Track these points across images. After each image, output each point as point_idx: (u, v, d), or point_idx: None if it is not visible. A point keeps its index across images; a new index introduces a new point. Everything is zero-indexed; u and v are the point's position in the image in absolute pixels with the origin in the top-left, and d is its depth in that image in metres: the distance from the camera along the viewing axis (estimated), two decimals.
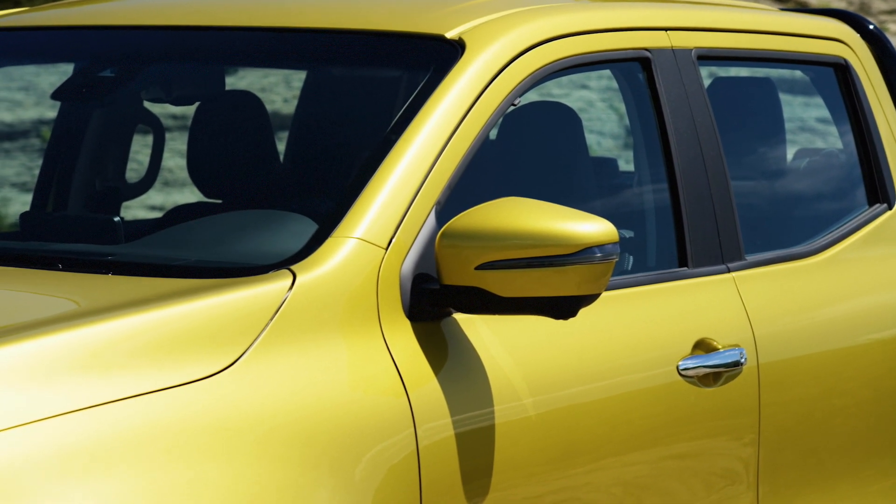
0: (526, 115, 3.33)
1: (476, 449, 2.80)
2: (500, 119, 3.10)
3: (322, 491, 2.55)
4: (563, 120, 3.40)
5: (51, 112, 9.64)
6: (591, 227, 2.78)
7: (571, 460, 2.95)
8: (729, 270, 3.34)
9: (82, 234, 3.27)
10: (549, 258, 2.76)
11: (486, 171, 3.12)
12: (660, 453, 3.11)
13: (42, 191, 4.00)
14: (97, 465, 2.32)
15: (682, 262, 3.28)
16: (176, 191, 8.72)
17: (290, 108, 8.82)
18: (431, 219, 2.86)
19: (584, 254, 2.76)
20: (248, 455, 2.49)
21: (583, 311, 2.89)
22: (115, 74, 3.65)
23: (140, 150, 4.18)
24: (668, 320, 3.18)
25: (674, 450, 3.14)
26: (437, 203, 2.88)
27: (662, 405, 3.11)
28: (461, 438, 2.78)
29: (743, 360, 3.25)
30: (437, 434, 2.74)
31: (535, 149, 3.36)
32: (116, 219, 3.27)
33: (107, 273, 2.86)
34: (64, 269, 2.90)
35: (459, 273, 2.79)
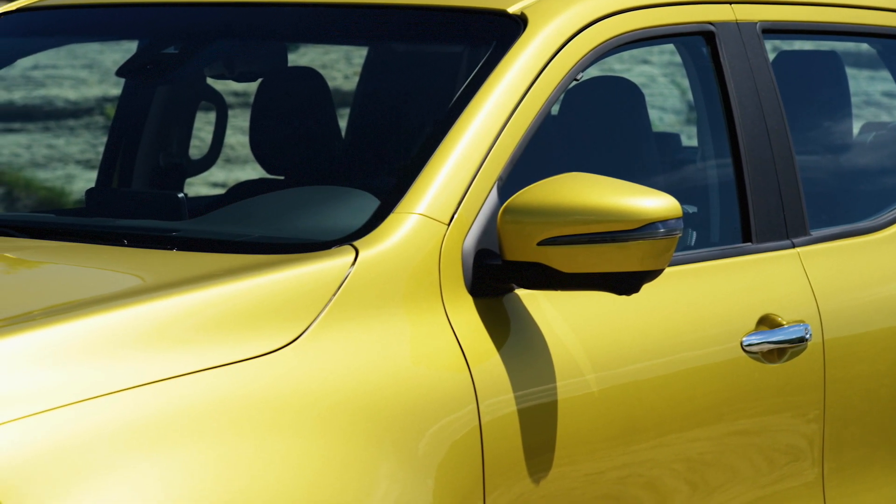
0: (589, 90, 3.31)
1: (538, 425, 2.80)
2: (563, 94, 3.09)
3: (385, 465, 2.56)
4: (626, 95, 3.39)
5: (114, 89, 9.70)
6: (655, 203, 2.76)
7: (634, 436, 2.94)
8: (794, 245, 3.32)
9: (147, 210, 3.29)
10: (612, 234, 2.75)
11: (548, 147, 3.11)
12: (723, 429, 3.09)
13: (107, 167, 4.02)
14: (164, 440, 2.34)
15: (746, 238, 3.26)
16: (238, 168, 8.75)
17: (350, 85, 8.83)
18: (493, 194, 2.86)
19: (647, 229, 2.75)
20: (312, 430, 2.50)
21: (646, 287, 2.88)
22: (179, 51, 3.67)
23: (202, 127, 4.20)
24: (731, 296, 3.16)
25: (737, 426, 3.12)
26: (499, 179, 2.88)
27: (726, 381, 3.10)
28: (523, 414, 2.78)
29: (808, 336, 3.23)
30: (499, 410, 2.74)
31: (597, 124, 3.34)
32: (181, 195, 3.29)
33: (171, 249, 2.88)
34: (129, 245, 2.92)
35: (521, 249, 2.79)
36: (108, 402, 2.34)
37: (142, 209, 3.33)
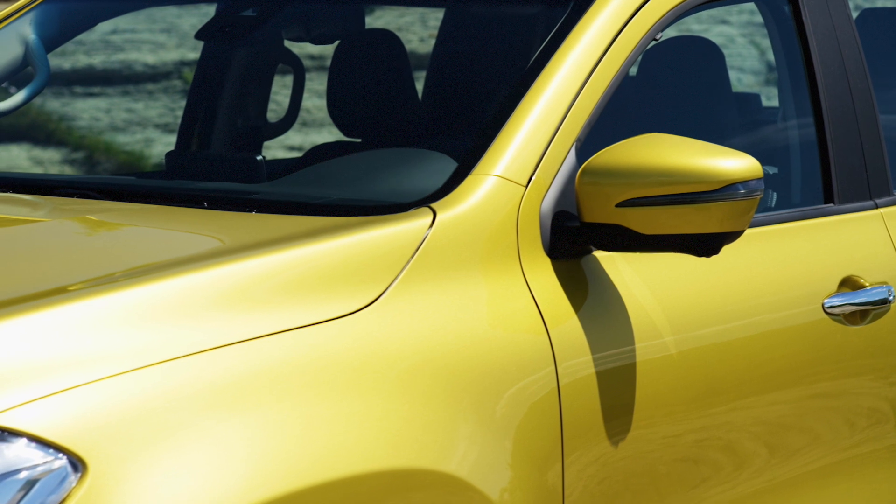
0: (668, 50, 3.29)
1: (617, 387, 2.80)
2: (641, 55, 3.06)
3: (464, 427, 2.56)
4: (706, 55, 3.36)
5: (192, 53, 9.75)
6: (735, 163, 2.74)
7: (712, 399, 2.93)
8: (877, 206, 3.28)
9: (226, 173, 3.31)
10: (692, 195, 2.73)
11: (626, 108, 3.09)
12: (803, 392, 3.07)
13: (186, 130, 4.05)
14: (246, 400, 2.36)
15: (828, 198, 3.23)
16: (314, 131, 8.77)
17: (425, 48, 8.82)
18: (571, 156, 2.85)
19: (727, 190, 2.73)
20: (392, 391, 2.51)
21: (725, 249, 2.86)
22: (257, 14, 3.68)
23: (277, 90, 4.21)
24: (813, 257, 3.14)
25: (817, 389, 3.10)
26: (578, 140, 2.87)
27: (807, 344, 3.08)
28: (602, 376, 2.77)
29: (891, 298, 3.19)
30: (577, 372, 2.74)
31: (676, 85, 3.32)
32: (259, 157, 3.31)
33: (250, 211, 2.89)
34: (209, 207, 2.94)
35: (600, 210, 2.78)
36: (190, 362, 2.35)
37: (221, 172, 3.35)
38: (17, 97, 3.66)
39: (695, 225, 2.75)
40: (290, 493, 2.33)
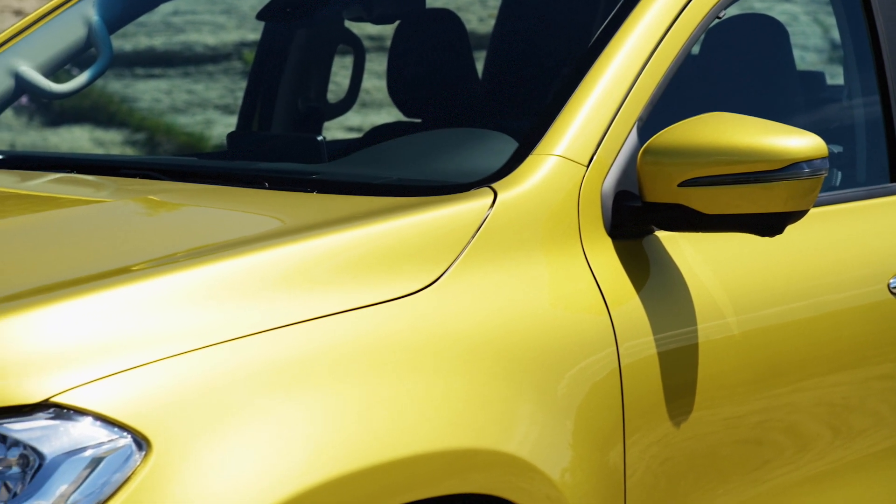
0: (731, 28, 3.26)
1: (679, 367, 2.78)
2: (704, 33, 3.04)
3: (524, 407, 2.56)
4: (769, 32, 3.33)
5: (252, 34, 9.77)
6: (799, 142, 2.72)
7: (775, 380, 2.91)
8: None
9: (287, 153, 3.32)
10: (756, 174, 2.71)
11: (689, 87, 3.07)
12: (867, 373, 3.05)
13: (247, 111, 4.07)
14: (307, 380, 2.37)
15: (894, 177, 3.20)
16: (373, 112, 8.78)
17: (484, 28, 8.80)
18: (633, 135, 2.83)
19: (791, 169, 2.71)
20: (452, 371, 2.51)
21: (789, 228, 2.84)
22: None
23: (336, 71, 4.22)
24: (878, 237, 3.11)
25: (882, 370, 3.08)
26: (639, 119, 2.85)
27: (871, 324, 3.05)
28: (664, 357, 2.76)
29: None
30: (639, 352, 2.73)
31: (740, 63, 3.29)
32: (320, 138, 3.31)
33: (311, 191, 2.90)
34: (270, 188, 2.95)
35: (662, 190, 2.76)
36: (253, 342, 2.36)
37: (282, 152, 3.36)
38: (80, 79, 3.68)
39: (758, 204, 2.73)
40: (351, 473, 2.34)
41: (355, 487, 2.34)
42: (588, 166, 2.78)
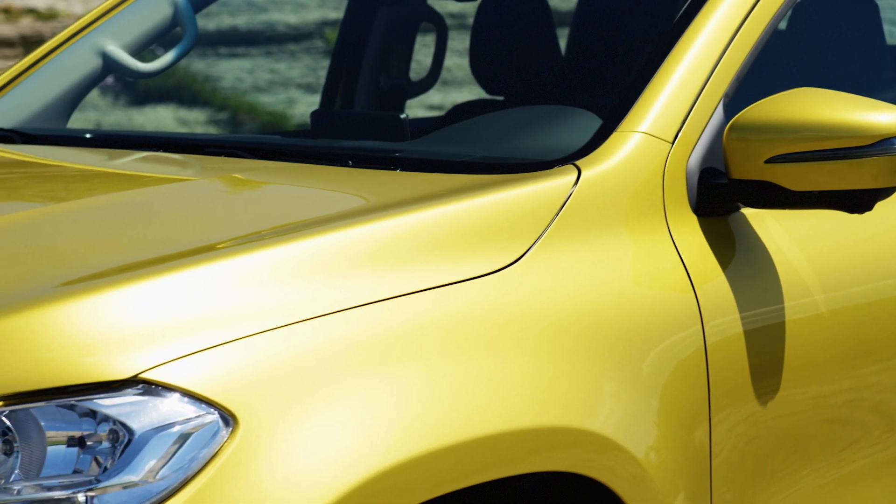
0: (819, 2, 3.23)
1: (765, 346, 2.76)
2: (792, 8, 3.01)
3: (609, 385, 2.55)
4: (859, 7, 3.29)
5: (333, 13, 9.80)
6: (889, 118, 2.68)
7: (863, 359, 2.88)
8: None
9: (370, 132, 3.32)
10: (844, 150, 2.68)
11: (776, 62, 3.04)
12: None
13: (330, 89, 4.08)
14: (390, 358, 2.37)
15: None
16: (454, 90, 8.78)
17: (566, 5, 8.75)
18: (719, 112, 2.81)
19: (881, 145, 2.67)
20: (536, 349, 2.50)
21: (879, 205, 2.81)
22: None
23: (418, 49, 4.22)
24: None
25: None
26: (725, 95, 2.83)
27: None
28: (750, 335, 2.74)
29: None
30: (725, 331, 2.71)
31: (828, 38, 3.25)
32: (403, 116, 3.31)
33: (395, 169, 2.90)
34: (354, 166, 2.95)
35: (748, 167, 2.74)
36: (337, 319, 2.37)
37: (365, 130, 3.36)
38: (166, 58, 3.71)
39: (847, 181, 2.70)
40: (435, 450, 2.34)
41: (439, 465, 2.35)
42: (673, 143, 2.76)
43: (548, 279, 2.57)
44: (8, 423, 2.19)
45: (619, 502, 2.53)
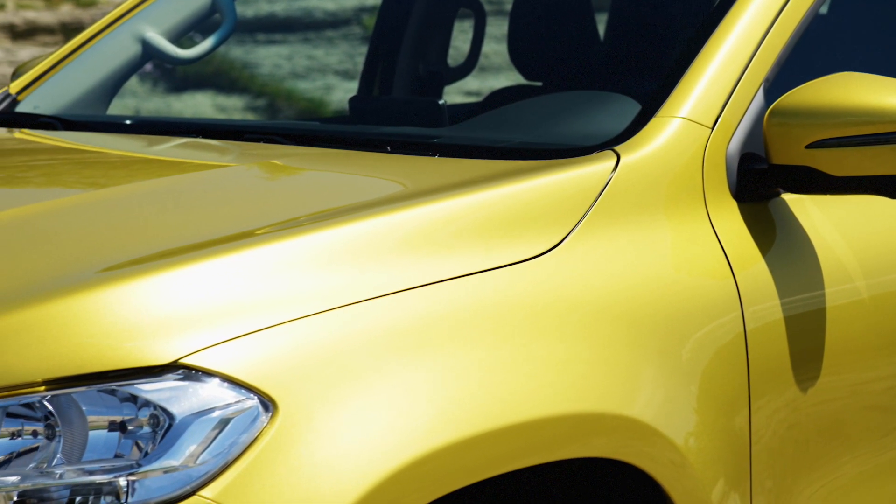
0: None
1: (805, 332, 2.75)
2: None
3: (648, 371, 2.54)
4: None
5: (371, 0, 9.79)
6: None
7: None
8: None
9: (409, 117, 3.32)
10: (886, 135, 2.66)
11: (817, 47, 3.02)
12: None
13: (368, 75, 4.08)
14: (428, 344, 2.37)
15: None
16: (491, 76, 8.77)
17: None
18: (759, 96, 2.79)
19: None
20: (575, 335, 2.50)
21: None
22: None
23: (455, 35, 4.21)
24: None
25: None
26: (766, 80, 2.81)
27: None
28: (790, 322, 2.73)
29: None
30: (765, 316, 2.70)
31: (870, 22, 3.23)
32: (441, 102, 3.31)
33: (433, 155, 2.90)
34: (392, 151, 2.95)
35: (789, 152, 2.73)
36: (375, 305, 2.37)
37: (403, 116, 3.36)
38: (205, 44, 3.72)
39: (889, 166, 2.68)
40: (474, 436, 2.34)
41: (477, 451, 2.35)
42: (713, 128, 2.75)
43: (586, 265, 2.56)
44: (50, 407, 2.21)
45: (658, 488, 2.52)
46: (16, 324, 2.23)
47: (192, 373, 2.23)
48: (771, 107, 2.76)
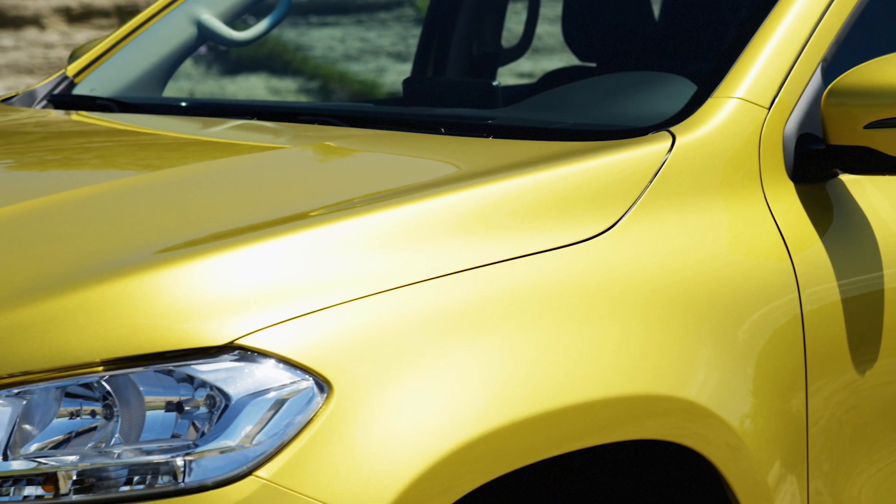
0: None
1: (863, 314, 2.73)
2: None
3: (704, 353, 2.53)
4: None
5: None
6: None
7: None
8: None
9: (462, 99, 3.32)
10: None
11: (876, 25, 2.99)
12: None
13: (422, 57, 4.07)
14: (482, 326, 2.37)
15: None
16: (544, 57, 8.74)
17: None
18: (817, 76, 2.77)
19: None
20: (629, 316, 2.49)
21: None
22: None
23: (509, 16, 4.20)
24: None
25: None
26: (824, 60, 2.79)
27: None
28: (848, 303, 2.71)
29: None
30: (822, 298, 2.68)
31: None
32: (495, 83, 3.30)
33: (487, 136, 2.89)
34: (446, 133, 2.95)
35: (847, 132, 2.70)
36: (429, 287, 2.37)
37: (457, 97, 3.36)
38: (259, 26, 3.73)
39: None
40: (528, 418, 2.34)
41: (531, 433, 2.34)
42: (770, 109, 2.73)
43: (641, 247, 2.55)
44: (108, 387, 2.22)
45: (714, 471, 2.51)
46: (74, 305, 2.25)
47: (248, 354, 2.24)
48: (829, 86, 2.74)
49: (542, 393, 2.35)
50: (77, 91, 3.65)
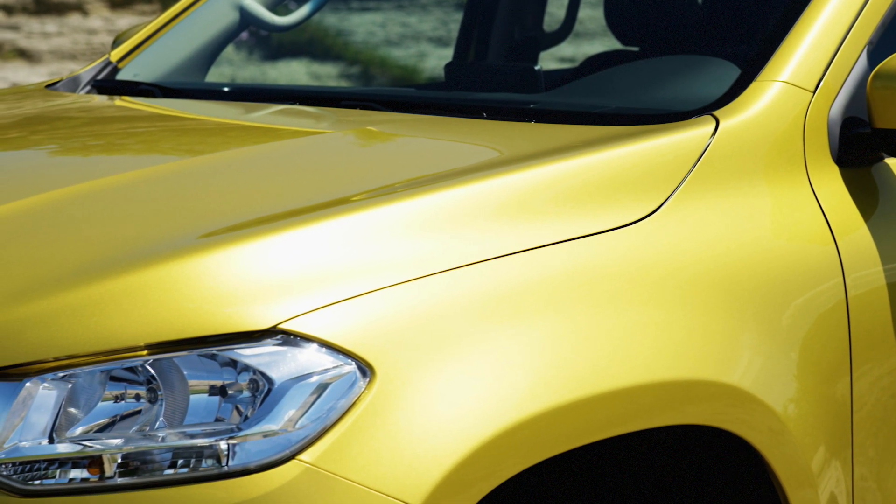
0: None
1: None
2: None
3: (747, 337, 2.52)
4: None
5: None
6: None
7: None
8: None
9: (504, 83, 3.31)
10: None
11: None
12: None
13: (463, 42, 4.06)
14: (524, 310, 2.36)
15: None
16: (585, 42, 8.71)
17: None
18: (863, 59, 2.75)
19: None
20: (672, 301, 2.48)
21: None
22: None
23: (551, 0, 4.19)
24: None
25: None
26: (870, 42, 2.77)
27: None
28: (893, 288, 2.69)
29: None
30: (867, 283, 2.66)
31: None
32: (537, 67, 3.29)
33: (529, 121, 2.89)
34: (488, 118, 2.94)
35: (893, 115, 2.68)
36: (471, 271, 2.37)
37: (499, 82, 3.35)
38: (301, 12, 3.73)
39: None
40: (571, 402, 2.33)
41: (574, 417, 2.34)
42: (815, 92, 2.71)
43: (684, 231, 2.54)
44: (152, 371, 2.23)
45: (757, 455, 2.50)
46: (119, 289, 2.25)
47: (291, 338, 2.24)
48: (875, 69, 2.72)
49: (583, 378, 2.35)
50: (120, 76, 3.66)
